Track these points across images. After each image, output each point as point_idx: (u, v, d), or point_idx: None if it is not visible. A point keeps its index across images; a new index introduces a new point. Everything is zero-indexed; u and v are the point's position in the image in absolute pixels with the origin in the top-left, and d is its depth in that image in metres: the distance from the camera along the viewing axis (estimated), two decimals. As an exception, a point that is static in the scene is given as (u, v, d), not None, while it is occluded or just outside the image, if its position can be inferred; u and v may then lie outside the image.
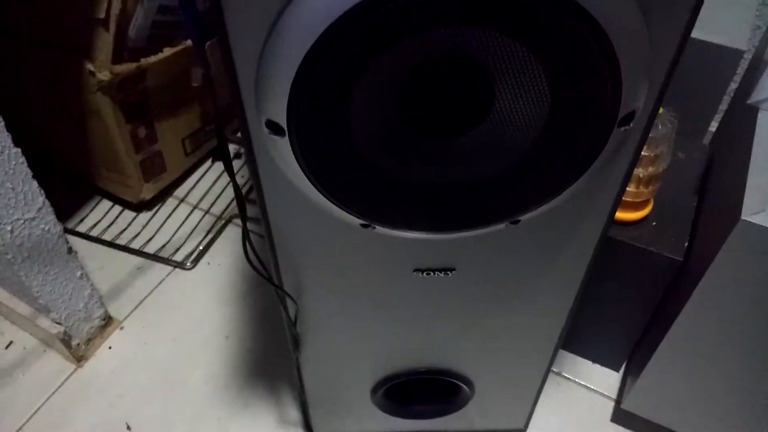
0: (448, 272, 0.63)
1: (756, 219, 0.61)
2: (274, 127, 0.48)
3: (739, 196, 0.63)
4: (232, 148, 1.45)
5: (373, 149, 0.50)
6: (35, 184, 0.87)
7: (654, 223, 0.84)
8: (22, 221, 0.87)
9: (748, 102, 0.72)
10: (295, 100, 0.45)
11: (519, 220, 0.57)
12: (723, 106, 1.21)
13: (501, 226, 0.58)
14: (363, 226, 0.58)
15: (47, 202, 0.90)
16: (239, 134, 0.52)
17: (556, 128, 0.48)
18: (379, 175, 0.52)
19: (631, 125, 0.48)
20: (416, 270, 0.63)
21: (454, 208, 0.55)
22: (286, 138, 0.48)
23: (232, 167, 0.55)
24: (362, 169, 0.51)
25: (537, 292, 0.66)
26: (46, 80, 1.12)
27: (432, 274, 0.63)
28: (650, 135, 0.65)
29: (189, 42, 1.16)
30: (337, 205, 0.55)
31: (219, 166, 1.42)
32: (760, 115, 0.71)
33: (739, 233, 0.62)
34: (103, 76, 1.04)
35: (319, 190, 0.53)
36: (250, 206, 1.29)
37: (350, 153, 0.50)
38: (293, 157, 0.50)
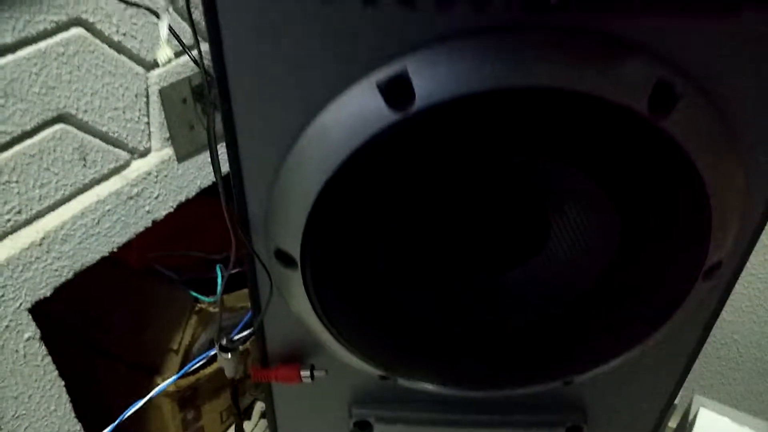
0: None
1: None
2: (284, 258, 0.41)
3: None
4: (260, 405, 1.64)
5: (400, 286, 0.41)
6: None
7: None
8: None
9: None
10: (312, 230, 0.38)
11: (572, 381, 0.49)
12: None
13: (551, 385, 0.49)
14: (382, 378, 0.50)
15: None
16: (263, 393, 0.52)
17: (624, 275, 0.39)
18: (405, 318, 0.43)
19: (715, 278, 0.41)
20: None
21: (496, 361, 0.46)
22: (298, 271, 0.41)
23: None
24: (385, 309, 0.43)
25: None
26: (120, 388, 1.34)
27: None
28: None
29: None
30: (351, 351, 0.45)
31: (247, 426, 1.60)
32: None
33: None
34: (169, 388, 1.25)
35: (331, 332, 0.45)
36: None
37: (373, 289, 0.41)
38: (305, 294, 0.42)
